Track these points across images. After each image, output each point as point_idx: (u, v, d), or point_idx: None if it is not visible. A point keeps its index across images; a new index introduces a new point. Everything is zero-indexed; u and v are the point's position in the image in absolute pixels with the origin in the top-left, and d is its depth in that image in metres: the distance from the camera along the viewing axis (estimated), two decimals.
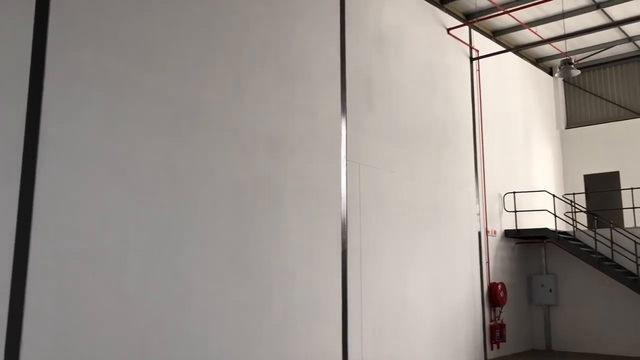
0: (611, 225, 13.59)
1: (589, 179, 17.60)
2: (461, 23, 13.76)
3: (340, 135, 9.78)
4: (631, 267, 13.37)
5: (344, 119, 9.90)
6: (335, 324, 9.11)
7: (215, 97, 7.82)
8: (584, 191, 17.44)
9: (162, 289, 6.84)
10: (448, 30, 13.33)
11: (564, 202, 16.42)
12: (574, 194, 16.21)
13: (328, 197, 9.33)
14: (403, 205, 11.05)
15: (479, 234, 13.31)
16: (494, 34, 15.46)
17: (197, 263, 7.26)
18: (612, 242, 13.41)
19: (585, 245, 13.90)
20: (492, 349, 13.03)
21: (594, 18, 14.74)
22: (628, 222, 16.00)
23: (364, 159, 10.25)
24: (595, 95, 18.05)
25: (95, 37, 6.62)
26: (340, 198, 9.58)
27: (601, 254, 13.57)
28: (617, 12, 14.44)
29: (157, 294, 6.79)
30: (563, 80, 18.46)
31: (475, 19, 14.08)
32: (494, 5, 13.71)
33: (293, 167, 8.78)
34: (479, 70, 14.23)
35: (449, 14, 13.49)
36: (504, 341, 13.35)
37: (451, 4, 13.61)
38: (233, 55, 8.16)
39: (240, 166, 7.99)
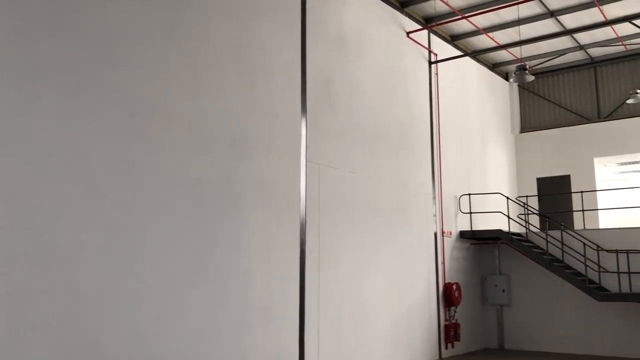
0: (562, 228, 14.03)
1: (542, 182, 18.14)
2: (421, 27, 13.96)
3: (301, 135, 9.79)
4: (580, 268, 13.83)
5: (304, 119, 9.91)
6: (293, 324, 9.10)
7: (175, 95, 7.71)
8: (536, 194, 17.96)
9: (116, 288, 6.70)
10: (408, 33, 13.50)
11: (517, 205, 16.86)
12: (527, 196, 16.65)
13: (287, 197, 9.32)
14: (362, 205, 11.13)
15: (435, 234, 13.54)
16: (453, 39, 15.76)
17: (152, 262, 7.13)
18: (562, 243, 13.84)
19: (537, 247, 14.31)
20: (446, 348, 13.27)
21: (548, 26, 15.20)
22: (578, 225, 16.55)
23: (324, 160, 10.28)
24: (548, 100, 18.61)
25: (49, 30, 6.43)
26: (300, 198, 9.59)
27: (552, 255, 13.99)
28: (569, 20, 14.93)
29: (111, 293, 6.64)
30: (518, 85, 18.98)
31: (434, 24, 14.31)
32: (452, 11, 13.97)
33: (253, 167, 8.74)
34: (437, 73, 14.47)
35: (409, 17, 13.68)
36: (458, 340, 13.61)
37: (411, 7, 13.80)
38: (193, 53, 8.06)
39: (199, 165, 7.90)
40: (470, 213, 14.88)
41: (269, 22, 9.44)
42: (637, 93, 15.60)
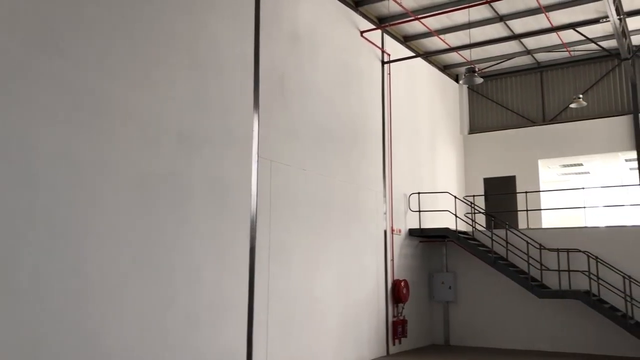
0: (506, 227, 14.45)
1: (489, 182, 18.63)
2: (374, 27, 14.08)
3: (253, 131, 9.70)
4: (523, 266, 14.28)
5: (257, 115, 9.83)
6: (241, 321, 9.03)
7: (121, 87, 7.49)
8: (483, 193, 18.43)
9: (57, 285, 6.46)
10: (362, 33, 13.59)
11: (464, 204, 17.26)
12: (474, 196, 17.06)
13: (238, 194, 9.22)
14: (314, 203, 11.15)
15: (385, 232, 13.70)
16: (405, 40, 15.97)
17: (95, 259, 6.92)
18: (507, 242, 14.26)
19: (483, 245, 14.69)
20: (393, 344, 13.47)
21: (497, 30, 15.61)
22: (522, 224, 17.09)
23: (276, 157, 10.23)
24: (496, 103, 19.12)
25: None
26: (251, 195, 9.50)
27: (497, 254, 14.40)
28: (517, 25, 15.37)
29: (52, 292, 6.40)
30: (467, 87, 19.41)
31: (387, 24, 14.45)
32: (405, 12, 14.14)
33: (202, 162, 8.60)
34: (389, 73, 14.62)
35: (363, 17, 13.76)
36: (406, 336, 13.83)
37: (365, 7, 13.90)
38: (141, 43, 7.85)
39: (146, 160, 7.71)
40: (420, 211, 15.14)
41: (222, 16, 9.31)
42: (579, 98, 16.21)
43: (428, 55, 16.75)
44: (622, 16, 13.75)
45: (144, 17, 7.93)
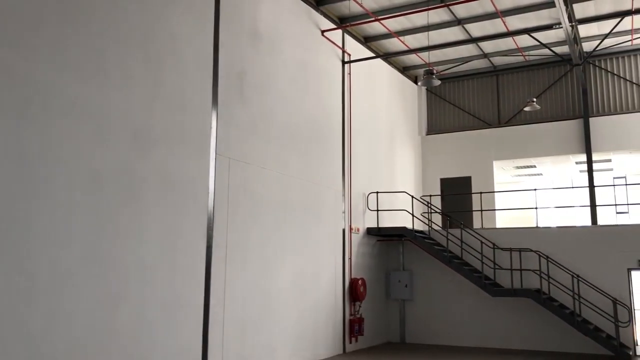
0: (462, 226, 14.75)
1: (445, 183, 18.97)
2: (335, 26, 14.13)
3: (211, 128, 9.59)
4: (477, 265, 14.61)
5: (215, 112, 9.72)
6: (196, 320, 8.92)
7: (73, 80, 7.28)
8: (440, 193, 18.75)
9: (1, 284, 6.23)
10: (322, 32, 13.62)
11: (421, 203, 17.51)
12: (430, 195, 17.33)
13: (194, 191, 9.10)
14: (272, 201, 11.11)
15: (344, 231, 13.78)
16: (366, 40, 16.09)
17: (44, 257, 6.71)
18: (461, 241, 14.55)
19: (439, 244, 14.95)
20: (350, 342, 13.56)
21: (455, 33, 15.89)
22: (477, 224, 17.47)
23: (234, 154, 10.15)
24: (453, 105, 19.47)
25: None
26: (208, 193, 9.40)
27: (452, 253, 14.67)
28: (475, 29, 15.69)
29: None
30: (426, 89, 19.70)
31: (348, 24, 14.53)
32: (366, 12, 14.24)
33: (157, 159, 8.44)
34: (350, 73, 14.70)
35: (324, 16, 13.79)
36: (362, 334, 13.95)
37: (326, 6, 13.93)
38: (95, 36, 7.65)
39: (98, 156, 7.52)
40: (378, 210, 15.28)
41: (180, 10, 9.16)
42: (533, 101, 16.67)
43: (388, 57, 16.91)
44: (574, 23, 14.20)
45: (97, 9, 7.73)
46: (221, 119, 9.86)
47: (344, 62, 14.51)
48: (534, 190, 16.63)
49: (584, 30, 15.76)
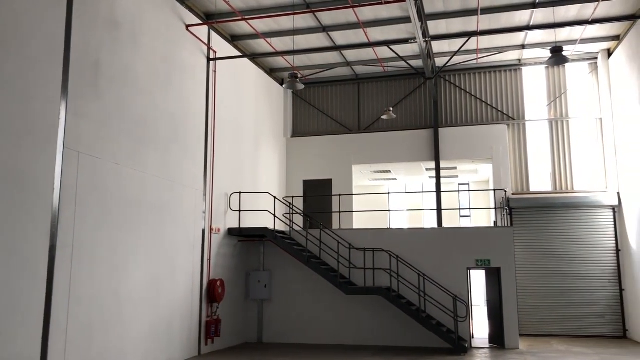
0: (320, 227, 15.18)
1: (308, 184, 19.43)
2: (201, 22, 13.86)
3: (59, 119, 8.93)
4: (334, 264, 15.12)
5: (65, 102, 9.07)
6: (36, 326, 8.24)
7: None
8: (302, 195, 19.16)
9: None
10: (187, 26, 13.29)
11: (284, 204, 17.75)
12: (292, 197, 17.64)
13: (37, 186, 8.41)
14: (126, 199, 10.60)
15: (204, 231, 13.54)
16: (233, 39, 15.98)
17: None
18: (320, 241, 14.97)
19: (299, 244, 15.25)
20: (206, 344, 13.35)
21: (321, 40, 16.34)
22: (336, 224, 18.09)
23: (85, 148, 9.54)
24: (317, 109, 20.01)
25: None
26: (54, 188, 8.74)
27: (311, 252, 15.05)
28: (339, 37, 16.25)
29: None
30: (292, 92, 20.03)
31: (215, 21, 14.34)
32: (233, 11, 14.15)
33: None
34: (215, 71, 14.50)
35: (189, 10, 13.47)
36: (219, 336, 13.80)
37: (192, 1, 13.63)
38: None
39: None
40: (240, 211, 15.23)
41: None
42: (390, 110, 17.63)
43: (254, 57, 16.94)
44: (428, 39, 15.25)
45: None
46: (71, 110, 9.22)
47: (209, 59, 14.28)
48: (387, 194, 17.60)
49: (436, 46, 17.00)
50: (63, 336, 8.78)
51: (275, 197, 15.76)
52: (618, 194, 16.77)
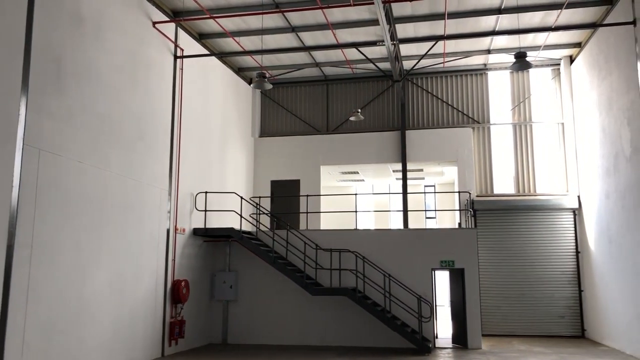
0: (287, 227, 15.14)
1: (275, 185, 19.36)
2: (168, 19, 13.68)
3: (18, 115, 8.68)
4: (301, 265, 15.11)
5: (25, 98, 8.83)
6: None
7: None
8: (270, 195, 19.08)
9: None
10: (154, 23, 13.10)
11: (251, 205, 17.65)
12: (260, 197, 17.57)
13: None
14: (89, 198, 10.38)
15: (168, 231, 13.36)
16: (201, 37, 15.82)
17: None
18: (287, 242, 14.94)
19: (266, 245, 15.18)
20: (170, 345, 13.17)
21: (289, 40, 16.31)
22: (304, 225, 18.07)
23: (46, 145, 9.30)
24: (286, 110, 19.96)
25: None
26: (12, 186, 8.49)
27: (277, 253, 15.00)
28: (308, 38, 16.25)
29: None
30: (261, 92, 19.94)
31: (182, 18, 14.17)
32: (201, 9, 14.00)
33: None
34: (182, 69, 14.32)
35: (156, 7, 13.27)
36: (183, 337, 13.63)
37: None
38: None
39: None
40: (206, 211, 15.08)
41: None
42: (358, 112, 17.71)
43: (223, 56, 16.80)
44: (395, 42, 15.38)
45: None
46: (32, 105, 8.99)
47: (176, 57, 14.10)
48: (354, 195, 17.68)
49: (404, 49, 17.16)
50: (20, 339, 8.54)
51: (242, 197, 15.66)
52: (578, 197, 17.21)
